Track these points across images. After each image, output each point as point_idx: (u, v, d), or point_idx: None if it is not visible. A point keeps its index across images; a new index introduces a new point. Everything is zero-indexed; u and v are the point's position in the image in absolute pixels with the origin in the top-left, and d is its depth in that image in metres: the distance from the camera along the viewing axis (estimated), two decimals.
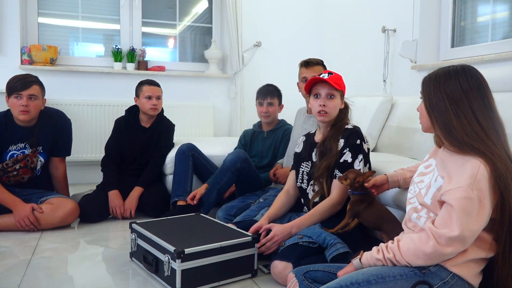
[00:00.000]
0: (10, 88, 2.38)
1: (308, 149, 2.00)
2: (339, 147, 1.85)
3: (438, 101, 1.26)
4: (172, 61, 4.23)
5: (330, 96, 1.87)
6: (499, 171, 1.17)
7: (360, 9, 3.87)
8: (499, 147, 1.22)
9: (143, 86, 2.83)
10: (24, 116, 2.39)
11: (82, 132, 3.60)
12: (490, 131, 1.23)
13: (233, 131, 4.13)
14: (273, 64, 4.25)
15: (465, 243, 1.17)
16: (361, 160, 1.82)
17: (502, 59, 2.56)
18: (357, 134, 1.86)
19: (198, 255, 1.61)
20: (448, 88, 1.26)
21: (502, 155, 1.20)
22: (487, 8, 2.91)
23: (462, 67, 1.29)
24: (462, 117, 1.23)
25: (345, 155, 1.83)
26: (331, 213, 1.82)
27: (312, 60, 2.42)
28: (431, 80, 1.31)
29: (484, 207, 1.15)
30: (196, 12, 4.31)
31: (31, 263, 1.91)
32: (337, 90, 1.87)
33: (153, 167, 2.83)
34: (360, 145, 1.84)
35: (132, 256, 1.94)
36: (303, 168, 1.99)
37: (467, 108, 1.23)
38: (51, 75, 3.60)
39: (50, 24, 3.80)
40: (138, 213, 2.69)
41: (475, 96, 1.24)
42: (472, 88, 1.25)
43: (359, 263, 1.32)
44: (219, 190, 2.45)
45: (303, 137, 2.10)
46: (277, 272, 1.65)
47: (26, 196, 2.45)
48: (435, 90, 1.28)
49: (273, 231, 1.79)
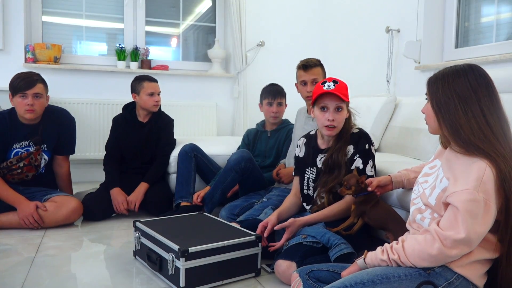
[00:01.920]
0: (15, 88, 2.38)
1: (312, 154, 1.95)
2: (348, 155, 1.82)
3: (447, 100, 1.26)
4: (175, 60, 4.23)
5: (338, 108, 1.80)
6: (504, 173, 1.17)
7: (363, 9, 3.87)
8: (505, 146, 1.21)
9: (143, 82, 2.81)
10: (30, 114, 2.40)
11: (85, 131, 3.61)
12: (498, 130, 1.22)
13: (236, 131, 4.13)
14: (276, 63, 4.25)
15: (471, 245, 1.17)
16: (372, 165, 1.82)
17: (506, 60, 2.55)
18: (366, 139, 1.84)
19: (202, 254, 1.61)
20: (458, 86, 1.25)
21: (507, 156, 1.20)
22: (491, 8, 2.90)
23: (469, 66, 1.29)
24: (470, 116, 1.22)
25: (356, 162, 1.81)
26: (344, 215, 1.79)
27: (310, 62, 2.35)
28: (438, 80, 1.30)
29: (489, 209, 1.15)
30: (200, 11, 4.31)
31: (35, 261, 1.92)
32: (344, 102, 1.81)
33: (158, 165, 2.83)
34: (369, 150, 1.83)
35: (136, 255, 1.95)
36: (308, 174, 1.96)
37: (476, 106, 1.23)
38: (55, 74, 3.61)
39: (54, 22, 3.81)
40: (141, 211, 2.70)
41: (484, 94, 1.24)
42: (481, 86, 1.25)
43: (363, 263, 1.32)
44: (223, 189, 2.45)
45: (303, 139, 2.05)
46: (281, 271, 1.65)
47: (30, 194, 2.45)
48: (443, 89, 1.27)
49: (288, 222, 1.77)
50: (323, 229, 1.72)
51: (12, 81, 2.42)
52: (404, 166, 1.94)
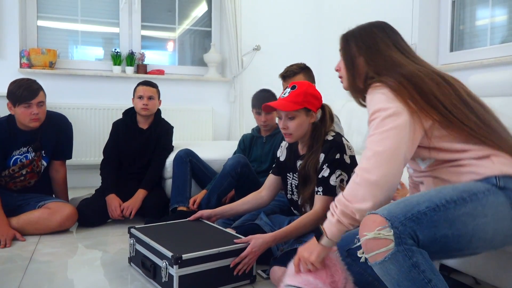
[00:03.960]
0: (17, 98, 2.34)
1: (293, 159, 1.93)
2: (319, 163, 1.77)
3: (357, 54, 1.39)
4: (171, 65, 4.23)
5: (290, 117, 1.77)
6: (397, 86, 1.21)
7: (359, 12, 3.88)
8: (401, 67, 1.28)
9: (138, 86, 2.84)
10: (35, 123, 2.41)
11: (81, 136, 3.60)
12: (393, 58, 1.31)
13: (232, 135, 4.13)
14: (272, 68, 4.22)
15: (389, 162, 1.18)
16: (339, 175, 1.73)
17: (501, 63, 2.56)
18: (337, 148, 1.75)
19: (195, 261, 1.60)
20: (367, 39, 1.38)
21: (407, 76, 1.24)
22: (485, 12, 2.91)
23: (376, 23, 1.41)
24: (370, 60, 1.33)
25: (323, 171, 1.75)
26: (315, 225, 1.71)
27: (289, 72, 2.33)
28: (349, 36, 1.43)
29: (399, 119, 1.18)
30: (196, 15, 4.31)
31: (29, 267, 1.90)
32: (298, 110, 1.75)
33: (154, 169, 2.82)
34: (339, 159, 1.74)
35: (131, 261, 1.94)
36: (290, 180, 1.94)
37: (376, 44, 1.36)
38: (50, 79, 3.60)
39: (49, 27, 3.81)
40: (136, 217, 2.68)
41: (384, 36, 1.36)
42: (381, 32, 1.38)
43: (329, 240, 1.26)
44: (219, 194, 2.45)
45: (285, 142, 2.02)
46: (277, 278, 1.64)
47: (25, 200, 2.45)
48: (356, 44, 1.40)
49: (250, 246, 1.68)
50: None
51: (13, 91, 2.36)
52: None
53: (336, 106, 3.50)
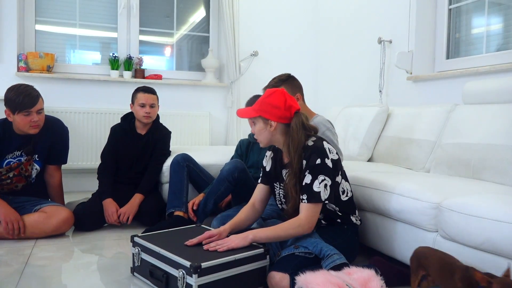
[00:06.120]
0: (18, 105, 2.32)
1: (279, 168, 1.90)
2: (301, 171, 1.75)
3: None
4: (169, 70, 4.24)
5: (254, 123, 1.82)
6: None
7: (356, 20, 3.91)
8: None
9: (138, 93, 2.82)
10: (35, 129, 2.41)
11: (78, 140, 3.60)
12: None
13: (230, 140, 4.14)
14: (269, 73, 4.20)
15: None
16: (322, 180, 1.70)
17: (496, 71, 2.59)
18: (317, 153, 1.71)
19: (214, 269, 1.57)
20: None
21: None
22: (481, 20, 2.94)
23: None
24: None
25: (306, 178, 1.73)
26: (296, 233, 1.71)
27: (270, 85, 2.37)
28: None
29: None
30: (194, 21, 4.33)
31: (24, 271, 1.89)
32: (260, 116, 1.77)
33: (151, 174, 2.82)
34: (321, 165, 1.71)
35: (135, 271, 1.87)
36: (278, 189, 1.92)
37: None
38: (48, 83, 3.60)
39: (47, 31, 3.81)
40: (133, 221, 2.67)
41: None
42: None
43: None
44: (215, 199, 2.45)
45: (271, 152, 1.98)
46: (274, 283, 1.64)
47: (20, 204, 2.43)
48: None
49: (230, 237, 1.74)
50: (315, 239, 1.71)
51: (12, 98, 2.33)
52: (396, 176, 1.94)
53: (332, 112, 3.52)
